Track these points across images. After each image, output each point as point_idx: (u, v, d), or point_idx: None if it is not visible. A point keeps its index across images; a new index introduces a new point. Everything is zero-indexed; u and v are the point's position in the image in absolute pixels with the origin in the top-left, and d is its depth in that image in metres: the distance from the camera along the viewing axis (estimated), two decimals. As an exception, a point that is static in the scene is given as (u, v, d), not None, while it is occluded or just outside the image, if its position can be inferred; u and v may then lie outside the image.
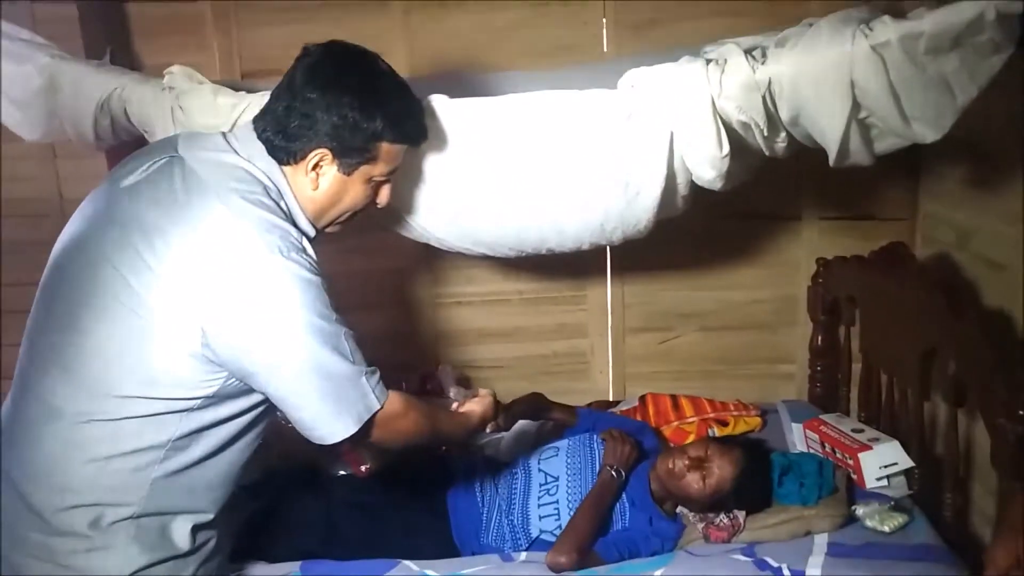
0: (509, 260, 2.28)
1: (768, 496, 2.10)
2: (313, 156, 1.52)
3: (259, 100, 1.83)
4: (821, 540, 1.97)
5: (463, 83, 2.27)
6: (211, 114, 1.87)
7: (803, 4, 2.39)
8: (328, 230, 1.66)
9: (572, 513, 2.05)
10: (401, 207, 1.92)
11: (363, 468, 2.32)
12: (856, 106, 1.59)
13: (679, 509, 2.15)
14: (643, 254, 2.85)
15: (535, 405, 2.39)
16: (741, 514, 2.05)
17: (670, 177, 1.78)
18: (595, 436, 2.26)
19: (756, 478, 2.09)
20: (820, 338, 2.72)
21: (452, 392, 2.63)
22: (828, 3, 2.03)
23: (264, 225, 1.44)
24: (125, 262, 1.44)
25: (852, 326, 2.61)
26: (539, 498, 2.14)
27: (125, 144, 2.11)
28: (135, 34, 2.69)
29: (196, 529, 1.55)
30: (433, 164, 1.86)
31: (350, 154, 1.54)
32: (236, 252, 1.42)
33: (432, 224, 1.96)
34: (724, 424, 2.56)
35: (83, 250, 1.51)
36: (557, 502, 2.12)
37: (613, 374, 2.98)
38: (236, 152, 1.53)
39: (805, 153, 1.91)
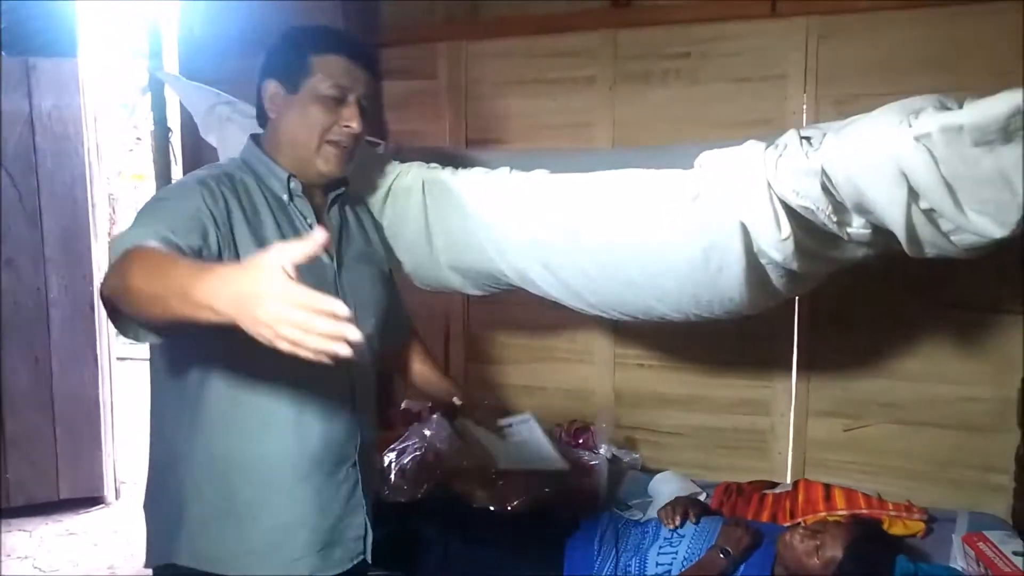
0: (694, 326, 2.26)
1: None
2: (265, 89, 1.71)
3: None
4: (924, 660, 1.82)
5: (658, 154, 2.39)
6: None
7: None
8: (320, 169, 1.70)
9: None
10: (526, 268, 2.11)
11: (509, 507, 2.49)
12: (914, 194, 1.50)
13: (797, 599, 2.08)
14: (837, 334, 2.77)
15: None
16: (844, 612, 1.95)
17: (750, 254, 1.76)
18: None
19: (869, 560, 2.00)
20: (1027, 448, 2.43)
21: (602, 450, 2.68)
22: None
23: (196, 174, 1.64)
24: None
25: (1058, 437, 2.30)
26: (660, 548, 2.20)
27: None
28: (386, 107, 3.17)
29: None
30: (535, 230, 2.01)
31: (289, 73, 1.68)
32: None
33: (549, 286, 2.11)
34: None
35: None
36: (676, 554, 2.16)
37: (792, 457, 2.86)
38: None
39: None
